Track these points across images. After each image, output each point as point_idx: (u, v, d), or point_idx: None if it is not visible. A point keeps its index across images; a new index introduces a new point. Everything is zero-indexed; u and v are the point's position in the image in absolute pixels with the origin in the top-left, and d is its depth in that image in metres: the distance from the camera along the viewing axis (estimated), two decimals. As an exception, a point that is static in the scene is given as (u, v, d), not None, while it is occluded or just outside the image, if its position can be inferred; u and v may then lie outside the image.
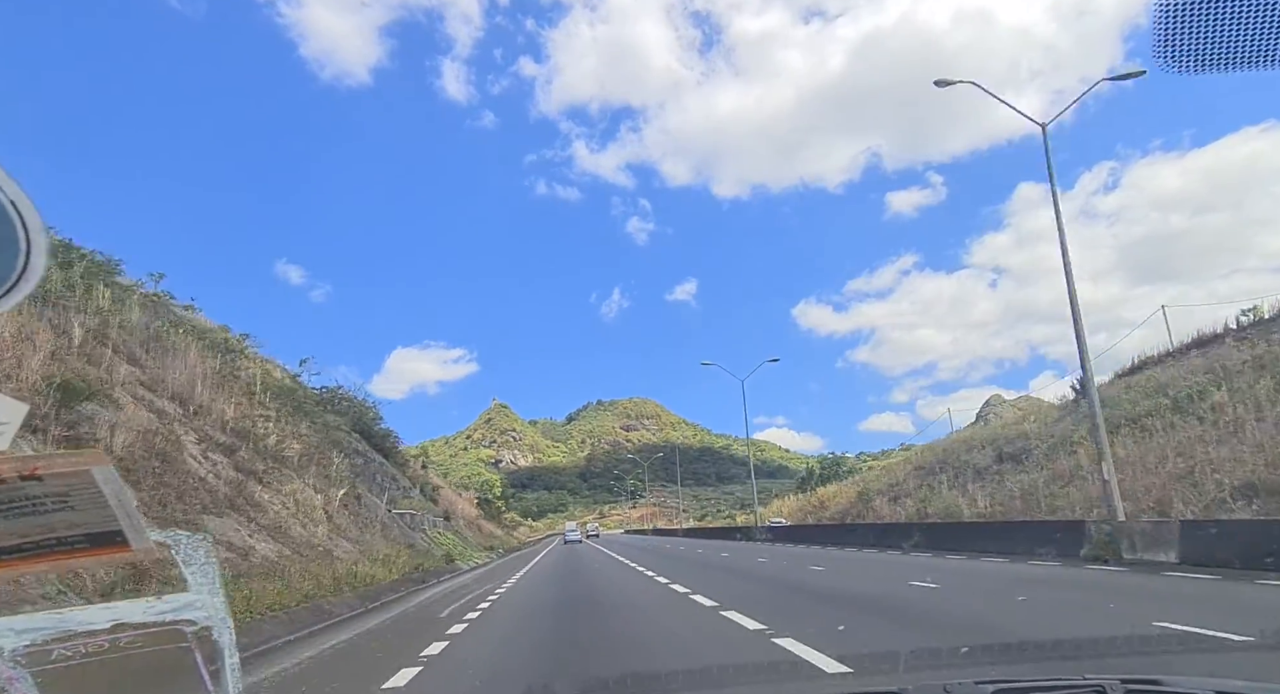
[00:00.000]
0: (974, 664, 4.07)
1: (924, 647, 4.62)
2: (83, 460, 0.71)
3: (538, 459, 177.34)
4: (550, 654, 5.48)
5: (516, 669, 4.93)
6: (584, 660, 5.13)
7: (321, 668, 5.30)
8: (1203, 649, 4.42)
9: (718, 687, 3.99)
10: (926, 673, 4.05)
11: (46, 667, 0.80)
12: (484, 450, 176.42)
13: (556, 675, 4.53)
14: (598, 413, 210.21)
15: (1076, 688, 1.19)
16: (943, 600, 7.48)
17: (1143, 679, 1.21)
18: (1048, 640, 4.69)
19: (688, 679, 4.08)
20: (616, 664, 4.80)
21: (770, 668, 4.35)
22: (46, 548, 0.75)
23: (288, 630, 6.64)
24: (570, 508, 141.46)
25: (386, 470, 26.98)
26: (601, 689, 3.82)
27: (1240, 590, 7.20)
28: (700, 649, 5.30)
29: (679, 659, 4.84)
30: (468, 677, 4.72)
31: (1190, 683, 1.22)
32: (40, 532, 0.73)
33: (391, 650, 5.87)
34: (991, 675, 1.38)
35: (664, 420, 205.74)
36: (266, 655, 5.65)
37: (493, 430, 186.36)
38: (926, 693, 1.19)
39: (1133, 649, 4.45)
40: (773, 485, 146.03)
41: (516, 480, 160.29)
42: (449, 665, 5.07)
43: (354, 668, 5.31)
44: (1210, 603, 6.50)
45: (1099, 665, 4.09)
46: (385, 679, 4.51)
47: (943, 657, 4.26)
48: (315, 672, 5.15)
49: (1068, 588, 8.18)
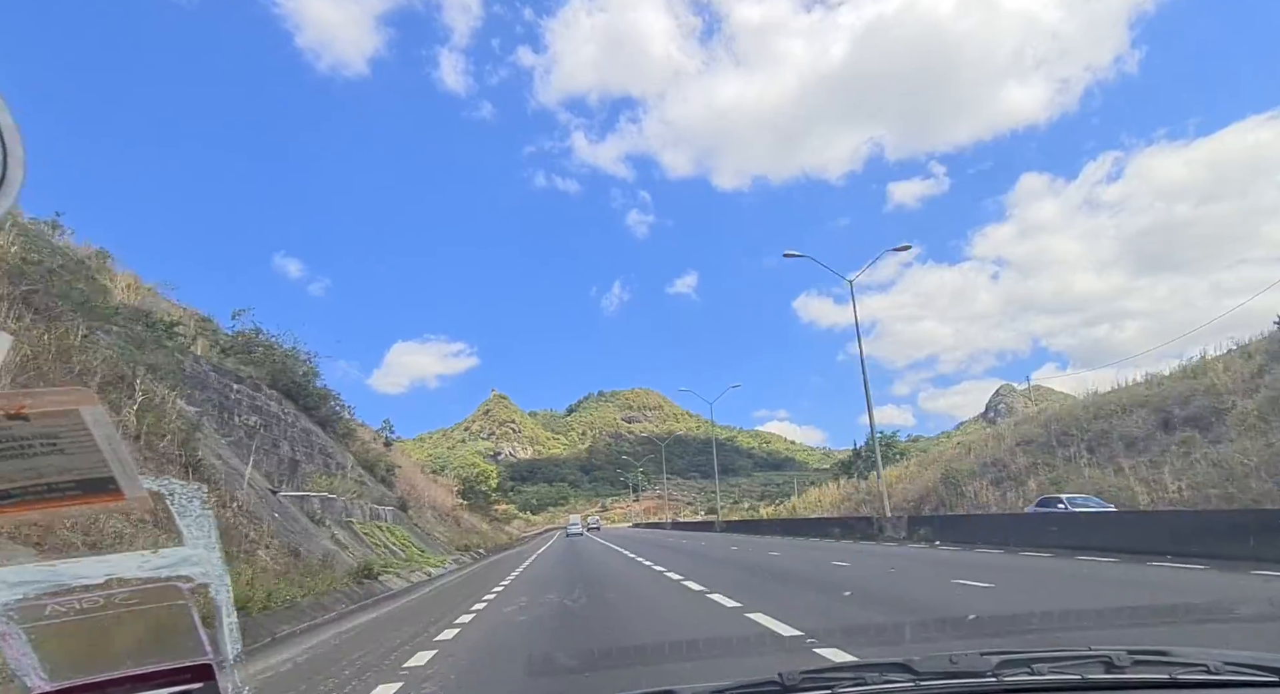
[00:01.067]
0: (979, 635, 4.15)
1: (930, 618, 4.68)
2: (70, 399, 0.69)
3: (538, 451, 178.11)
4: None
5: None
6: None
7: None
8: (1210, 620, 4.53)
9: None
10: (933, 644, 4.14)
11: (40, 622, 0.78)
12: (483, 442, 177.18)
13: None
14: (599, 404, 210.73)
15: (1083, 659, 1.20)
16: None
17: (1149, 650, 1.23)
18: (1055, 611, 4.81)
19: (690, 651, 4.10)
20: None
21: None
22: (35, 494, 0.73)
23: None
24: (572, 501, 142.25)
25: (316, 441, 21.90)
26: (603, 658, 3.84)
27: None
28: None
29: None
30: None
31: (1197, 653, 1.23)
32: (29, 477, 0.71)
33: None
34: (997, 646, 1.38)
35: (667, 412, 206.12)
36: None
37: (491, 422, 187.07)
38: (933, 664, 1.20)
39: (1135, 621, 4.59)
40: (779, 477, 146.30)
41: (516, 473, 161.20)
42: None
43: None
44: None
45: (1102, 637, 4.12)
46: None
47: (948, 629, 4.34)
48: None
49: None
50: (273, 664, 5.65)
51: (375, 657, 5.66)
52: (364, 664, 5.33)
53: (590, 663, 4.50)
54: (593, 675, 4.33)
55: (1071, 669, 1.17)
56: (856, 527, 21.59)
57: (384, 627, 7.72)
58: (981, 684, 1.15)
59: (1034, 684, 1.15)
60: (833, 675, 1.19)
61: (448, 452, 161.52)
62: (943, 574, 9.58)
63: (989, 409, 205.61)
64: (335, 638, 6.99)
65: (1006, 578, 8.76)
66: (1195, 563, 9.22)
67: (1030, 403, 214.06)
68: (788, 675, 1.17)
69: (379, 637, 6.91)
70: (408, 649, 5.83)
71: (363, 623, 8.17)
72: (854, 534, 20.81)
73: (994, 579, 8.40)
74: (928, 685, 1.15)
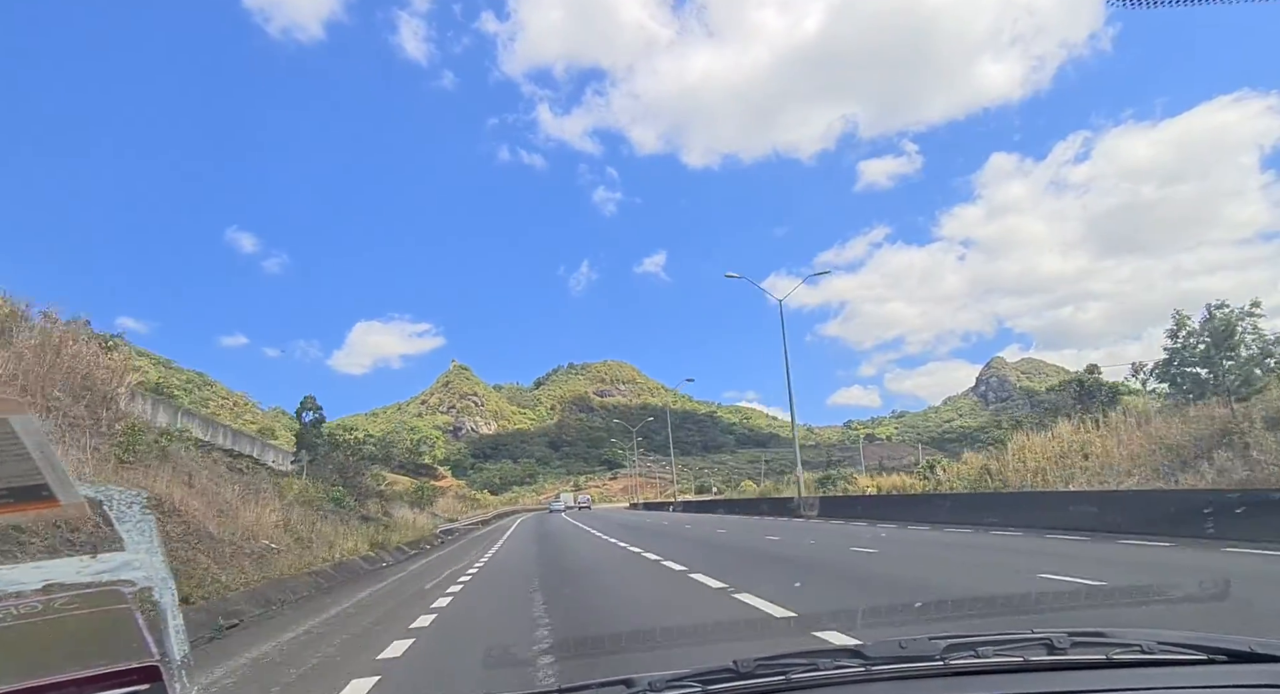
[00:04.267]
0: (926, 621, 4.56)
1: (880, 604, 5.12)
2: (1, 408, 0.72)
3: (502, 426, 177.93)
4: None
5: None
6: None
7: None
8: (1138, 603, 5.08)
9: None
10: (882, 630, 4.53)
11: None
12: (441, 416, 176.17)
13: None
14: (568, 376, 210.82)
15: (1026, 641, 1.34)
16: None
17: (1088, 631, 1.37)
18: (999, 596, 5.35)
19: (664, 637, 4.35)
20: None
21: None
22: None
23: None
24: (540, 480, 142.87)
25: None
26: (561, 649, 4.01)
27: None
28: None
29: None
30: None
31: (1133, 634, 1.37)
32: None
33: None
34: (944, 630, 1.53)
35: (641, 385, 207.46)
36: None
37: (451, 394, 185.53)
38: (883, 649, 1.32)
39: (1079, 604, 5.13)
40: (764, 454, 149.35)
41: (479, 450, 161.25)
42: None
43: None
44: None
45: (1040, 620, 4.64)
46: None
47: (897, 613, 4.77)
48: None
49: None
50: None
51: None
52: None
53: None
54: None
55: (1014, 651, 1.31)
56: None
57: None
58: (930, 668, 1.28)
59: (979, 666, 1.28)
60: (787, 662, 1.29)
61: (400, 427, 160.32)
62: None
63: (980, 382, 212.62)
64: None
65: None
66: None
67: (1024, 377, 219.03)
68: (742, 663, 1.28)
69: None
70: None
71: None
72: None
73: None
74: (879, 670, 1.27)
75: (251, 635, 6.70)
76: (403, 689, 4.32)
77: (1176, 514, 11.10)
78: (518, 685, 3.94)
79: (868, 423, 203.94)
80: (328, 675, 4.80)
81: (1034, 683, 1.24)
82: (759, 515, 29.77)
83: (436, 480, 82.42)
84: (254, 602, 8.37)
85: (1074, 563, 8.27)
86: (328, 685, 4.49)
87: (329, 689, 4.38)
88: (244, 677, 4.89)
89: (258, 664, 5.34)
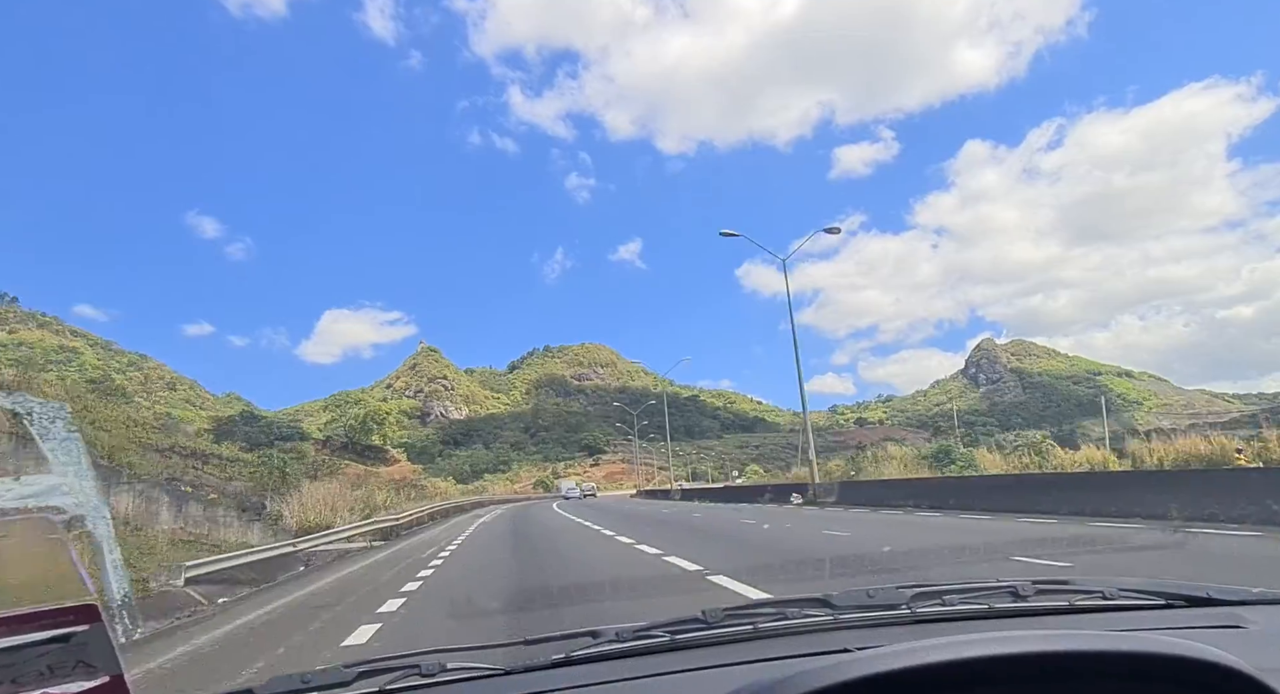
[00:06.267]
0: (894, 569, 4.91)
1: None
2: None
3: (474, 411, 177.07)
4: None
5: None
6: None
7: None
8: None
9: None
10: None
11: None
12: (407, 401, 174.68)
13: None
14: (544, 359, 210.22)
15: (992, 589, 1.42)
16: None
17: (1051, 580, 1.47)
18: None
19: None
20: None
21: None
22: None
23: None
24: (515, 467, 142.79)
25: None
26: (524, 601, 4.11)
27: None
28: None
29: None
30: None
31: (1095, 582, 1.46)
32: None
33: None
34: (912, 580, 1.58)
35: (620, 368, 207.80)
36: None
37: (419, 378, 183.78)
38: (851, 598, 1.36)
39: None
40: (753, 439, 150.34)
41: (449, 436, 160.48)
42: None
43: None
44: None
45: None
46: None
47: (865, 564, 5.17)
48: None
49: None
50: None
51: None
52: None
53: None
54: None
55: (980, 599, 1.38)
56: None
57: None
58: (897, 616, 1.33)
59: (945, 614, 1.34)
60: (754, 612, 1.33)
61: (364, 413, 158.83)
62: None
63: (969, 365, 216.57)
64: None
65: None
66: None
67: (1014, 358, 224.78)
68: (710, 612, 1.30)
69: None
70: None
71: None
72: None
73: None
74: (846, 619, 1.32)
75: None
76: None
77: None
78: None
79: (854, 407, 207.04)
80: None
81: (999, 629, 1.29)
82: (769, 503, 25.99)
83: (386, 465, 79.56)
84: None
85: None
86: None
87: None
88: None
89: None
